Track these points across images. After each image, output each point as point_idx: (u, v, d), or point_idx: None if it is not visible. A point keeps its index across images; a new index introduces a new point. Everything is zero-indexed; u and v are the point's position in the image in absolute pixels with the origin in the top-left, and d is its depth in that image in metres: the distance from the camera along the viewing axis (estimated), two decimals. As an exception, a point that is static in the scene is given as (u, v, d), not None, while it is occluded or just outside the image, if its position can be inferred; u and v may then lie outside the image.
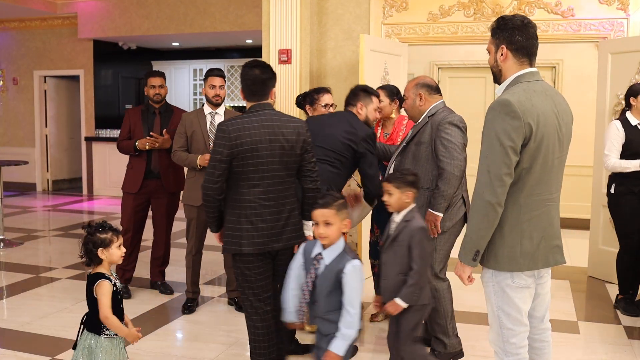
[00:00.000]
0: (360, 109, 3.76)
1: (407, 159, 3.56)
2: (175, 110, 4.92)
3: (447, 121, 3.43)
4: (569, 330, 4.21)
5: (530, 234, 2.36)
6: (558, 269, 5.88)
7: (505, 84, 2.41)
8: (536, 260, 2.39)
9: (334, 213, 2.58)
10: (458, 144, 3.38)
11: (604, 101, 5.36)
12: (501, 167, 2.26)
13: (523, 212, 2.35)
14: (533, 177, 2.33)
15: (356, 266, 2.54)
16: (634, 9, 5.49)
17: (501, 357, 2.47)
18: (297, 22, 5.79)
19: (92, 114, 10.49)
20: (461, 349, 3.62)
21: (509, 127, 2.25)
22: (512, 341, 2.43)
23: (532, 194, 2.36)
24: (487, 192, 2.29)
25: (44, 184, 11.24)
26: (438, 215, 3.40)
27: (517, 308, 2.41)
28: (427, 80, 3.65)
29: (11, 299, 4.84)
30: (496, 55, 2.43)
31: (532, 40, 2.38)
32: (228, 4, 8.99)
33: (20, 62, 11.07)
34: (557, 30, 5.68)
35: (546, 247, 2.41)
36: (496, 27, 2.42)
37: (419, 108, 3.58)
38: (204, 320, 4.37)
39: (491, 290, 2.45)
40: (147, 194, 4.84)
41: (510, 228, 2.35)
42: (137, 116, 4.82)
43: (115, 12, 9.74)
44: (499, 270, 2.40)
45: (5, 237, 6.73)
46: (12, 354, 3.73)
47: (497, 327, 2.46)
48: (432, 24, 5.95)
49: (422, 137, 3.51)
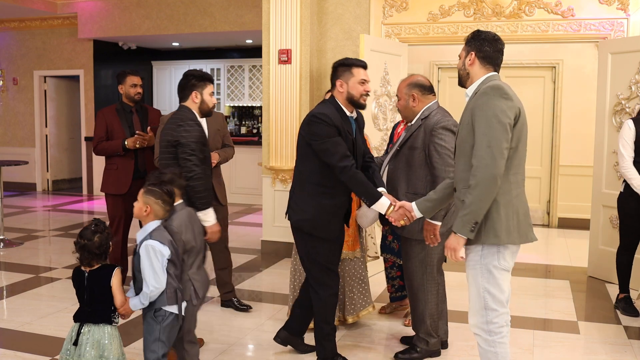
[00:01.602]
0: (340, 87, 3.31)
1: (401, 164, 3.52)
2: (148, 108, 4.94)
3: (441, 126, 3.38)
4: (569, 330, 4.21)
5: (518, 209, 2.61)
6: (558, 269, 5.89)
7: (476, 84, 2.70)
8: (523, 235, 2.62)
9: (141, 194, 2.90)
10: (452, 150, 3.28)
11: (604, 101, 5.36)
12: (502, 142, 2.50)
13: (513, 189, 2.59)
14: (517, 157, 2.60)
15: (146, 245, 2.78)
16: (634, 9, 5.49)
17: (485, 337, 2.67)
18: (297, 22, 5.79)
19: (92, 114, 10.48)
20: (439, 349, 3.69)
21: (505, 106, 2.53)
22: (495, 321, 2.64)
23: (517, 172, 2.61)
24: (491, 165, 2.49)
25: (44, 184, 11.24)
26: (436, 224, 3.33)
27: (501, 289, 2.63)
28: (420, 80, 3.59)
29: (11, 299, 4.84)
30: (465, 59, 2.74)
31: (497, 53, 2.71)
32: (228, 4, 8.99)
33: (21, 62, 11.07)
34: (557, 30, 5.68)
35: (526, 224, 2.65)
36: (471, 37, 2.74)
37: (412, 109, 3.54)
38: (204, 320, 4.37)
39: (478, 272, 2.64)
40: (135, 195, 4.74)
41: (505, 203, 2.57)
42: (113, 116, 4.74)
43: (115, 12, 9.74)
44: (497, 245, 2.58)
45: (5, 237, 6.73)
46: (12, 354, 3.73)
47: (482, 309, 2.65)
48: (432, 24, 5.95)
49: (415, 141, 3.45)
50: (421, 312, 3.58)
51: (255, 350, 3.86)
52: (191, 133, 3.40)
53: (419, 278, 3.55)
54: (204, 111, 3.60)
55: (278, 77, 5.91)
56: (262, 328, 4.19)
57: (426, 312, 3.57)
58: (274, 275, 5.59)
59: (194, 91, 3.55)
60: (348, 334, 4.04)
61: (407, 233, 3.51)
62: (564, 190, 7.88)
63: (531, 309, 4.66)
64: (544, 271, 5.81)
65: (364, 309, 4.13)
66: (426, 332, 3.60)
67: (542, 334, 4.14)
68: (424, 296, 3.57)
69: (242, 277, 5.44)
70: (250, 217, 8.55)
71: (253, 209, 9.23)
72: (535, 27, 5.72)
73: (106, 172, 4.82)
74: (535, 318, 4.48)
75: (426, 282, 3.55)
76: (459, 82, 2.83)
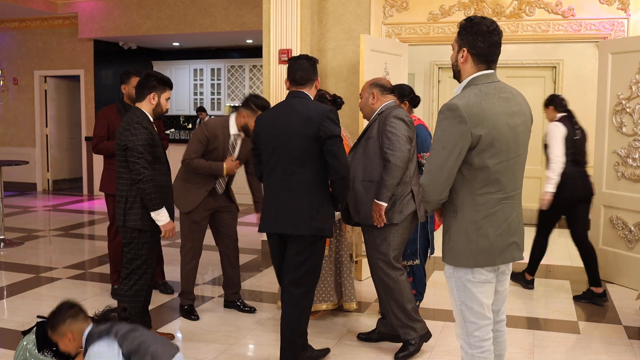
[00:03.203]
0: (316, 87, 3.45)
1: (358, 155, 3.70)
2: None
3: (392, 115, 3.59)
4: (569, 330, 4.21)
5: (486, 231, 2.43)
6: (558, 269, 5.89)
7: (462, 85, 2.50)
8: (493, 257, 2.46)
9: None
10: (402, 136, 3.52)
11: (604, 101, 5.36)
12: (443, 170, 2.37)
13: (478, 210, 2.42)
14: (486, 176, 2.40)
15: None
16: (634, 9, 5.49)
17: (466, 350, 2.56)
18: (298, 22, 5.79)
19: (92, 113, 10.47)
20: (428, 330, 3.73)
21: (455, 132, 2.33)
22: (476, 334, 2.52)
23: (487, 192, 2.42)
24: (429, 191, 2.43)
25: (45, 184, 11.25)
26: (382, 204, 3.53)
27: (479, 302, 2.49)
28: (382, 81, 3.83)
29: (11, 298, 4.84)
30: (457, 55, 2.51)
31: (493, 47, 2.44)
32: (228, 4, 9.00)
33: (21, 62, 11.07)
34: (558, 30, 5.68)
35: (502, 244, 2.47)
36: (463, 27, 2.48)
37: (371, 106, 3.76)
38: (205, 320, 4.37)
39: (453, 286, 2.54)
40: None
41: (467, 225, 2.43)
42: (115, 115, 4.75)
43: (115, 12, 9.75)
44: (457, 267, 2.49)
45: (5, 237, 6.73)
46: (12, 353, 3.72)
47: (461, 321, 2.55)
48: (433, 24, 5.95)
49: (371, 132, 3.67)
50: (397, 300, 3.64)
51: (256, 350, 3.86)
52: (138, 136, 3.48)
53: (380, 264, 3.65)
54: (157, 113, 3.71)
55: (278, 77, 5.91)
56: (263, 328, 4.19)
57: (400, 298, 3.63)
58: (274, 275, 5.56)
59: (153, 92, 3.64)
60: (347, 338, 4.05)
61: (362, 219, 3.67)
62: (564, 190, 7.86)
63: (531, 309, 4.67)
64: (544, 271, 5.81)
65: (320, 304, 4.27)
66: (409, 317, 3.65)
67: (542, 334, 4.14)
68: (391, 282, 3.63)
69: (243, 277, 5.42)
70: (251, 217, 8.54)
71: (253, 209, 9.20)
72: (535, 27, 5.72)
73: (105, 172, 4.82)
74: (536, 318, 4.48)
75: (387, 267, 3.63)
76: (454, 75, 2.60)
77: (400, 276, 3.65)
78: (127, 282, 3.62)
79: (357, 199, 3.65)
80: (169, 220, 3.57)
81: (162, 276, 5.07)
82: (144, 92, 3.64)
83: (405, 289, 3.65)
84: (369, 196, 3.59)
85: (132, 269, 3.60)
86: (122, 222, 3.57)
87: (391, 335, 3.87)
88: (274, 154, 3.23)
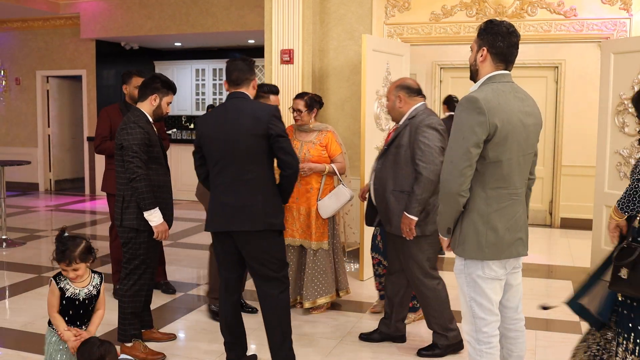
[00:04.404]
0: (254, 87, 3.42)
1: (388, 163, 3.59)
2: None
3: (425, 124, 3.45)
4: (571, 330, 4.20)
5: (495, 225, 2.51)
6: (561, 270, 5.88)
7: (479, 83, 2.57)
8: (500, 251, 2.53)
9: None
10: (435, 147, 3.39)
11: (606, 101, 5.35)
12: (463, 160, 2.43)
13: (490, 204, 2.51)
14: (499, 171, 2.49)
15: None
16: (637, 9, 5.48)
17: (474, 345, 2.62)
18: (299, 22, 5.79)
19: (94, 114, 10.48)
20: (461, 340, 3.67)
21: (474, 122, 2.41)
22: (485, 330, 2.58)
23: (498, 187, 2.51)
24: (450, 181, 2.47)
25: (47, 184, 11.26)
26: (412, 218, 3.43)
27: (488, 298, 2.56)
28: (408, 82, 3.67)
29: (13, 298, 4.85)
30: (477, 54, 2.58)
31: (512, 48, 2.54)
32: (230, 4, 9.00)
33: (23, 62, 11.08)
34: (560, 30, 5.67)
35: (510, 239, 2.54)
36: (483, 29, 2.57)
37: (399, 110, 3.62)
38: (206, 320, 4.37)
39: (463, 282, 2.60)
40: None
41: (478, 218, 2.51)
42: (117, 115, 4.75)
43: (117, 12, 9.76)
44: (466, 259, 2.56)
45: (7, 237, 6.74)
46: (14, 353, 3.73)
47: (470, 317, 2.60)
48: (435, 24, 5.95)
49: (401, 140, 3.54)
50: (432, 308, 3.61)
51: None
52: (133, 136, 3.50)
53: (416, 273, 3.61)
54: (157, 115, 3.72)
55: (280, 77, 5.91)
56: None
57: (436, 307, 3.60)
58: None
59: (155, 94, 3.66)
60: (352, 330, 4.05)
61: (394, 230, 3.59)
62: (566, 190, 7.87)
63: (534, 310, 4.66)
64: (546, 271, 5.80)
65: (322, 297, 4.35)
66: (442, 326, 3.63)
67: (544, 334, 4.14)
68: (427, 291, 3.60)
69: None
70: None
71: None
72: (537, 27, 5.72)
73: (107, 172, 4.83)
74: (538, 318, 4.48)
75: (424, 277, 3.59)
76: (470, 76, 2.67)
77: (437, 285, 3.61)
78: (127, 281, 3.62)
79: (388, 209, 3.58)
80: (162, 221, 3.56)
81: (164, 276, 5.07)
82: (147, 92, 3.65)
83: (441, 298, 3.62)
84: (401, 207, 3.49)
85: (131, 269, 3.60)
86: (119, 222, 3.58)
87: (393, 335, 3.87)
88: (225, 154, 3.21)
